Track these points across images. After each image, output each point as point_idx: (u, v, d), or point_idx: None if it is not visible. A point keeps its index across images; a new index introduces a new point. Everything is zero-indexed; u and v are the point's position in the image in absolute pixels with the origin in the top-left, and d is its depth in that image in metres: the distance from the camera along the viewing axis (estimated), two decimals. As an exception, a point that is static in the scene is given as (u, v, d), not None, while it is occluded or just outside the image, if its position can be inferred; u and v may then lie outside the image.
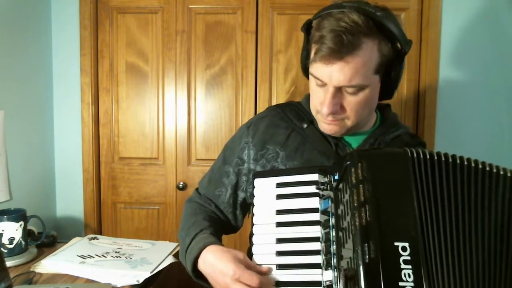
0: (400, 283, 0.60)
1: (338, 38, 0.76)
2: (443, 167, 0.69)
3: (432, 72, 1.72)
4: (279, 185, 0.81)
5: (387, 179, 0.68)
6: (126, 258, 1.33)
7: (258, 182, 0.83)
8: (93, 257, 1.32)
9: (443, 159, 0.70)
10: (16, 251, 1.32)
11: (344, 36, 0.76)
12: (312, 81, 0.86)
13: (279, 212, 0.78)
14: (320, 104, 0.84)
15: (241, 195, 0.98)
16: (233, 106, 1.79)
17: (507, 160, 1.74)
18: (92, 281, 1.18)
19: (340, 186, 0.72)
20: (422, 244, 0.63)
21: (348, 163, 0.70)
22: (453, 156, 0.71)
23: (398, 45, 0.82)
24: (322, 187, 0.77)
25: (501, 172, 0.70)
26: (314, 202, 0.77)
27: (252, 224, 0.80)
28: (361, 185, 0.66)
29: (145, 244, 1.48)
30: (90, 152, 1.82)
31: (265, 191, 0.81)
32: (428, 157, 0.70)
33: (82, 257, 1.31)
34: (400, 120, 0.99)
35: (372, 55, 0.79)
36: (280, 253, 0.75)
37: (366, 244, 0.62)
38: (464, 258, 0.64)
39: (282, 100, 1.76)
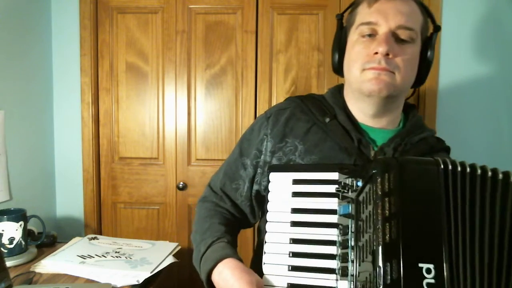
0: None
1: None
2: (477, 181, 0.63)
3: (432, 72, 1.71)
4: (296, 181, 0.77)
5: (416, 193, 0.62)
6: (126, 258, 1.33)
7: (273, 176, 0.78)
8: (93, 257, 1.32)
9: (478, 172, 0.63)
10: (16, 251, 1.32)
11: None
12: (355, 37, 0.84)
13: (295, 210, 0.75)
14: (374, 49, 0.79)
15: (255, 187, 0.94)
16: (233, 106, 1.79)
17: (507, 161, 1.74)
18: (92, 281, 1.18)
19: (364, 194, 0.67)
20: (449, 267, 0.58)
21: (374, 171, 0.65)
22: (483, 168, 0.64)
23: (431, 22, 0.85)
24: (342, 189, 0.72)
25: None
26: (332, 203, 0.73)
27: (266, 222, 0.77)
28: (387, 198, 0.61)
29: (145, 244, 1.48)
30: (90, 152, 1.82)
31: (280, 187, 0.77)
32: (459, 169, 0.63)
33: (82, 257, 1.31)
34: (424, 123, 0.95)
35: (417, 11, 0.82)
36: (294, 254, 0.72)
37: (388, 263, 0.58)
38: (496, 283, 0.59)
39: (282, 100, 1.75)
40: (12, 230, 1.32)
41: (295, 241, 0.73)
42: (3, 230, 1.31)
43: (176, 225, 1.84)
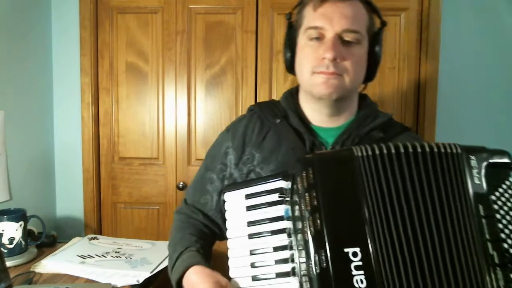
0: None
1: None
2: (386, 160, 0.66)
3: (432, 72, 1.72)
4: (248, 196, 0.80)
5: (335, 184, 0.66)
6: (126, 258, 1.33)
7: (227, 196, 0.82)
8: (93, 257, 1.32)
9: (393, 151, 0.67)
10: (16, 251, 1.32)
11: None
12: (304, 40, 0.85)
13: (250, 223, 0.78)
14: (321, 54, 0.81)
15: (223, 198, 0.97)
16: (233, 106, 1.79)
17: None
18: (92, 281, 1.18)
19: (294, 194, 0.72)
20: (374, 248, 0.61)
21: (295, 171, 0.70)
22: (396, 146, 0.67)
23: (377, 18, 0.88)
24: (284, 194, 0.76)
25: (442, 150, 0.67)
26: (282, 210, 0.76)
27: (227, 238, 0.81)
28: (308, 193, 0.66)
29: (145, 244, 1.48)
30: (90, 152, 1.82)
31: (235, 204, 0.81)
32: (371, 153, 0.67)
33: (82, 257, 1.32)
34: (379, 109, 0.96)
35: (362, 11, 0.84)
36: (254, 265, 0.75)
37: (316, 254, 0.62)
38: (418, 257, 0.62)
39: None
40: (12, 230, 1.32)
41: (253, 252, 0.76)
42: (3, 230, 1.31)
43: (176, 225, 1.84)
